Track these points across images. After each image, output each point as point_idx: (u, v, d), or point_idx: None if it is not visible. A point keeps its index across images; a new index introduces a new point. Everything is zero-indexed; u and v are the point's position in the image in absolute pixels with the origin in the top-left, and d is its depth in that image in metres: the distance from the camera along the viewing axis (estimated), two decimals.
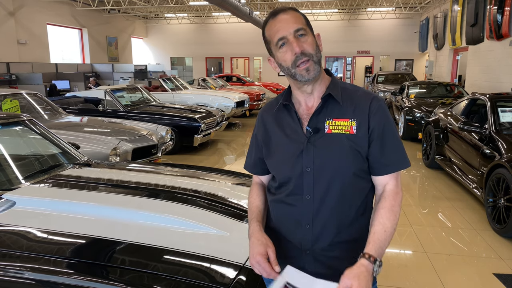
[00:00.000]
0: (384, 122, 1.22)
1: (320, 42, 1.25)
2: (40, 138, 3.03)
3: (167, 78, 10.53)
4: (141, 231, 1.82)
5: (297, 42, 1.18)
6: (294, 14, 1.21)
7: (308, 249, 1.25)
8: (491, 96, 4.86)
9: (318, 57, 1.22)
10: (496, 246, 3.54)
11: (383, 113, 1.23)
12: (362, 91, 1.28)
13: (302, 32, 1.19)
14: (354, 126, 1.20)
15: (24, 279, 1.51)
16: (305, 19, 1.23)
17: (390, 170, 1.23)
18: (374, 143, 1.21)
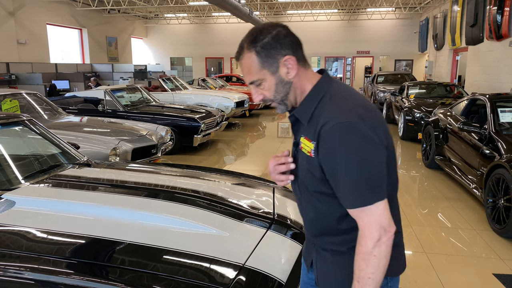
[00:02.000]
0: (332, 154, 1.07)
1: (290, 65, 1.15)
2: (40, 138, 3.03)
3: (167, 78, 10.54)
4: (141, 231, 1.82)
5: (255, 92, 1.20)
6: (246, 61, 1.16)
7: (308, 238, 1.34)
8: (491, 97, 4.86)
9: (281, 95, 1.18)
10: (496, 246, 3.54)
11: (332, 142, 1.06)
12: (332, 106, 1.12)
13: (257, 83, 1.18)
14: (312, 149, 1.12)
15: (23, 279, 1.51)
16: (260, 59, 1.14)
17: (350, 205, 1.09)
18: (326, 170, 1.11)
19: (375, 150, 1.06)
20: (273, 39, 1.13)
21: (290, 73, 1.15)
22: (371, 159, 1.06)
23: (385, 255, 1.07)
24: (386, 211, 1.08)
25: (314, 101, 1.16)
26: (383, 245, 1.07)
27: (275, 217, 2.16)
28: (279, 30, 1.14)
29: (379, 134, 1.09)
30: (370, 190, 1.06)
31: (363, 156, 1.05)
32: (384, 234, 1.07)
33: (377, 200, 1.06)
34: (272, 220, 2.12)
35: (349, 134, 1.04)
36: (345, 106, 1.10)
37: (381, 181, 1.07)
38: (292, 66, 1.15)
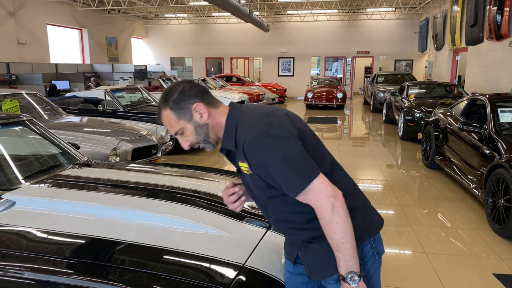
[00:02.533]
0: (259, 162, 1.28)
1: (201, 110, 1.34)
2: (40, 138, 3.03)
3: (167, 78, 10.54)
4: (141, 231, 1.83)
5: (181, 140, 1.40)
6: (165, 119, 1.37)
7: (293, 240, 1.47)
8: (491, 97, 4.86)
9: (203, 136, 1.38)
10: (496, 246, 3.54)
11: (254, 154, 1.27)
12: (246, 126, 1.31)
13: (180, 132, 1.38)
14: (247, 167, 1.33)
15: (24, 279, 1.51)
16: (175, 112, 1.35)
17: (293, 195, 1.28)
18: (265, 178, 1.31)
19: (288, 143, 1.25)
20: (180, 94, 1.35)
21: (203, 116, 1.36)
22: (288, 152, 1.24)
23: (345, 216, 1.25)
24: (324, 183, 1.26)
25: (232, 130, 1.34)
26: (339, 209, 1.25)
27: None
28: (184, 86, 1.36)
29: (288, 129, 1.28)
30: (300, 175, 1.24)
31: (281, 153, 1.24)
32: (335, 200, 1.25)
33: (312, 179, 1.25)
34: None
35: (262, 142, 1.25)
36: (253, 123, 1.30)
37: (306, 164, 1.25)
38: (203, 110, 1.35)
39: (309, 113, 13.45)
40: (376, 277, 1.41)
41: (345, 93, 14.45)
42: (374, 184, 5.43)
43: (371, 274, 1.39)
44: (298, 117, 1.41)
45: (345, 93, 14.52)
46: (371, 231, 1.39)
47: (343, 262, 1.27)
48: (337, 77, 16.67)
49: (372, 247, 1.39)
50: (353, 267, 1.27)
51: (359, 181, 5.60)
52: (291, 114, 1.38)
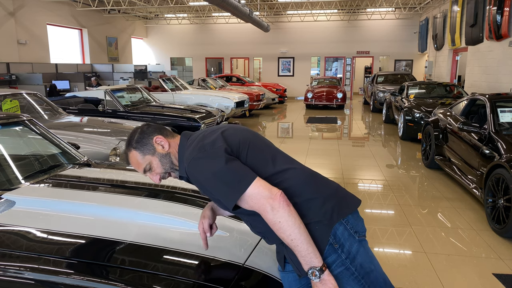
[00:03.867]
0: (199, 184, 1.40)
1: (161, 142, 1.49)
2: (40, 138, 3.03)
3: (167, 78, 10.54)
4: (141, 231, 1.83)
5: (151, 176, 1.52)
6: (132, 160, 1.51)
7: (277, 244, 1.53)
8: (491, 97, 4.86)
9: (168, 164, 1.50)
10: (496, 246, 3.54)
11: (194, 177, 1.39)
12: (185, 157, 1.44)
13: (147, 167, 1.50)
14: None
15: (24, 279, 1.51)
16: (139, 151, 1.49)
17: (231, 206, 1.36)
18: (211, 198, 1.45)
19: (216, 163, 1.33)
20: (140, 134, 1.51)
21: (164, 147, 1.50)
22: (217, 170, 1.32)
23: (287, 214, 1.28)
24: (260, 187, 1.31)
25: (182, 159, 1.47)
26: (279, 208, 1.28)
27: None
28: (142, 127, 1.54)
29: (218, 147, 1.37)
30: (231, 187, 1.32)
31: (210, 172, 1.33)
32: (273, 201, 1.28)
33: (245, 187, 1.30)
34: None
35: (194, 166, 1.37)
36: (189, 151, 1.42)
37: (237, 176, 1.32)
38: (164, 141, 1.49)
39: (309, 113, 13.45)
40: (361, 255, 1.40)
41: (345, 93, 14.45)
42: (374, 184, 5.43)
43: (353, 253, 1.39)
44: (239, 130, 1.49)
45: (345, 93, 14.53)
46: (339, 214, 1.39)
47: (301, 258, 1.30)
48: (337, 77, 16.67)
49: (346, 228, 1.39)
50: (311, 262, 1.29)
51: (359, 181, 5.60)
52: (228, 130, 1.47)
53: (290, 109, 14.94)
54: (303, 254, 1.29)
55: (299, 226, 1.29)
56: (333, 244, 1.37)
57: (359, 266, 1.39)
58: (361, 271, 1.39)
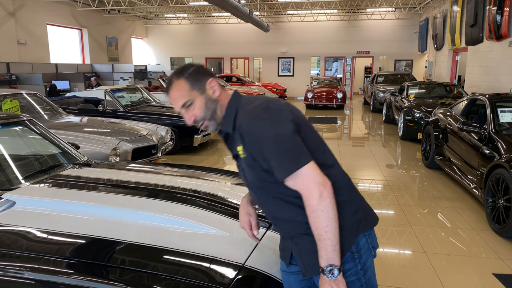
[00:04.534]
0: (254, 143, 1.31)
1: (214, 87, 1.40)
2: (40, 138, 3.03)
3: (167, 79, 10.54)
4: (141, 231, 1.83)
5: (187, 113, 1.40)
6: (177, 86, 1.39)
7: (285, 237, 1.48)
8: (491, 97, 4.86)
9: (211, 112, 1.40)
10: (496, 246, 3.54)
11: (250, 134, 1.31)
12: (244, 111, 1.36)
13: (188, 104, 1.38)
14: (242, 149, 1.36)
15: (24, 279, 1.51)
16: (189, 82, 1.38)
17: (282, 177, 1.30)
18: (259, 160, 1.34)
19: (282, 126, 1.29)
20: (196, 69, 1.40)
21: (215, 92, 1.41)
22: (281, 133, 1.27)
23: (331, 207, 1.26)
24: (315, 170, 1.28)
25: (231, 113, 1.39)
26: (327, 198, 1.25)
27: None
28: (197, 65, 1.44)
29: (284, 114, 1.33)
30: (291, 158, 1.26)
31: (274, 133, 1.27)
32: (324, 189, 1.26)
33: (302, 165, 1.26)
34: None
35: (258, 123, 1.30)
36: (251, 107, 1.36)
37: (298, 148, 1.28)
38: (217, 87, 1.41)
39: (309, 113, 13.45)
40: (371, 269, 1.44)
41: (345, 93, 14.45)
42: (374, 184, 5.43)
43: (367, 266, 1.41)
44: (298, 110, 1.45)
45: (345, 93, 14.53)
46: (365, 226, 1.40)
47: (324, 252, 1.27)
48: (337, 77, 16.67)
49: (367, 241, 1.41)
50: (333, 259, 1.26)
51: (359, 181, 5.60)
52: (291, 105, 1.43)
53: None
54: (329, 250, 1.26)
55: (336, 221, 1.27)
56: (354, 253, 1.37)
57: (368, 279, 1.41)
58: (368, 284, 1.41)
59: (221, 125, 1.42)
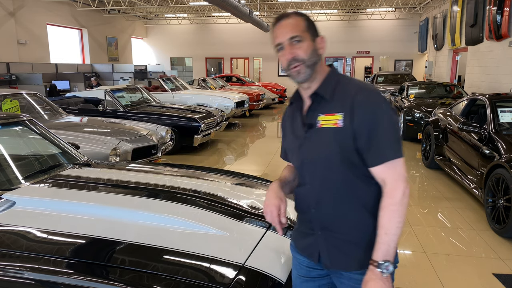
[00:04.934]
0: (369, 116, 1.24)
1: (323, 44, 1.34)
2: (40, 138, 3.03)
3: (167, 79, 10.54)
4: (141, 231, 1.83)
5: (290, 48, 1.30)
6: (294, 21, 1.31)
7: (318, 230, 1.38)
8: (491, 97, 4.86)
9: (312, 61, 1.31)
10: (496, 246, 3.54)
11: (367, 105, 1.25)
12: (353, 84, 1.32)
13: (297, 39, 1.30)
14: (340, 119, 1.27)
15: (24, 279, 1.51)
16: (306, 24, 1.32)
17: (376, 161, 1.26)
18: (360, 136, 1.25)
19: (395, 116, 1.30)
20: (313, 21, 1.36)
21: (322, 49, 1.35)
22: (396, 121, 1.28)
23: (406, 205, 1.26)
24: (404, 166, 1.28)
25: (331, 82, 1.34)
26: (407, 196, 1.25)
27: None
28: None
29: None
30: (399, 146, 1.27)
31: (394, 118, 1.28)
32: (407, 186, 1.26)
33: (401, 156, 1.26)
34: None
35: (382, 100, 1.26)
36: (364, 84, 1.32)
37: (400, 140, 1.29)
38: (324, 45, 1.35)
39: None
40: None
41: None
42: None
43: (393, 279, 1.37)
44: None
45: None
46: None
47: (386, 247, 1.23)
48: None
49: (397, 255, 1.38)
50: (392, 255, 1.24)
51: None
52: None
53: None
54: (392, 245, 1.24)
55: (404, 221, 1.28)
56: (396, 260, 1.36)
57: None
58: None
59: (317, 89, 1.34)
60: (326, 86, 1.33)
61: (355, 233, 1.33)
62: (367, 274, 1.25)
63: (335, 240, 1.35)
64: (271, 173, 5.95)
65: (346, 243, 1.34)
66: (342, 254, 1.34)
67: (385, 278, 1.22)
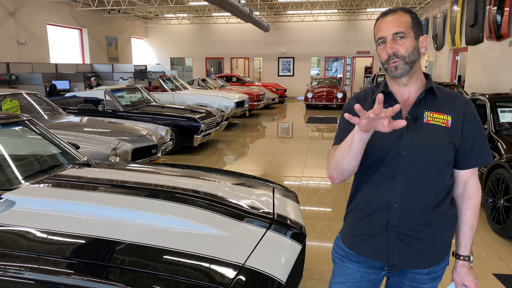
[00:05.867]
0: (476, 125, 1.36)
1: (425, 43, 1.35)
2: (40, 138, 3.03)
3: (167, 78, 10.54)
4: (141, 231, 1.83)
5: (392, 44, 1.31)
6: (400, 17, 1.32)
7: (393, 227, 1.35)
8: (491, 97, 4.86)
9: (412, 59, 1.32)
10: (496, 246, 3.54)
11: (476, 116, 1.37)
12: (455, 92, 1.41)
13: (401, 35, 1.31)
14: (449, 120, 1.33)
15: (24, 279, 1.51)
16: (412, 22, 1.32)
17: (475, 164, 1.37)
18: (466, 140, 1.34)
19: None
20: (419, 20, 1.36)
21: (423, 49, 1.35)
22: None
23: None
24: None
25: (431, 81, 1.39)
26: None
27: (275, 217, 2.16)
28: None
29: None
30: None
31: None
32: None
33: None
34: (272, 220, 2.12)
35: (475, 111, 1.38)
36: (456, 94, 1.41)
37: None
38: (426, 45, 1.35)
39: (309, 113, 13.44)
40: None
41: (345, 93, 14.45)
42: None
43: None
44: None
45: (345, 93, 14.53)
46: None
47: (471, 241, 1.43)
48: (337, 77, 16.66)
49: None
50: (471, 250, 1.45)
51: None
52: None
53: (290, 109, 14.94)
54: (472, 240, 1.43)
55: None
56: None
57: None
58: None
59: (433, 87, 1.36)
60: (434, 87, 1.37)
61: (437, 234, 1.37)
62: (461, 269, 1.44)
63: (410, 238, 1.34)
64: (271, 173, 5.95)
65: (422, 241, 1.35)
66: (415, 252, 1.35)
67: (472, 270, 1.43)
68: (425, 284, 1.42)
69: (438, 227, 1.36)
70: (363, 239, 1.40)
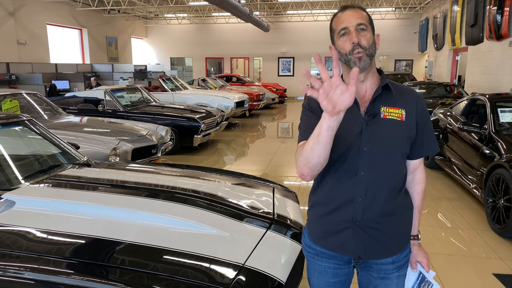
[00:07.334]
0: (427, 118, 1.45)
1: (378, 42, 1.41)
2: (40, 138, 3.03)
3: (167, 78, 10.54)
4: (141, 231, 1.82)
5: (356, 34, 1.34)
6: (360, 12, 1.38)
7: (358, 221, 1.38)
8: (491, 97, 4.86)
9: (371, 52, 1.36)
10: (496, 246, 3.54)
11: (426, 110, 1.45)
12: (406, 87, 1.48)
13: (363, 27, 1.35)
14: (404, 114, 1.39)
15: (23, 279, 1.51)
16: (369, 18, 1.39)
17: (425, 154, 1.48)
18: (418, 133, 1.42)
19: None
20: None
21: (378, 45, 1.40)
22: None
23: None
24: None
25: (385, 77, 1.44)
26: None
27: (275, 217, 2.16)
28: None
29: None
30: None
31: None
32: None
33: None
34: (272, 220, 2.12)
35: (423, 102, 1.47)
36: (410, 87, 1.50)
37: None
38: (379, 43, 1.41)
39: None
40: None
41: None
42: None
43: None
44: None
45: None
46: None
47: (418, 222, 1.55)
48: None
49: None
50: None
51: None
52: None
53: (290, 109, 14.93)
54: (419, 222, 1.56)
55: None
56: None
57: None
58: None
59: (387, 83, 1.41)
60: (387, 81, 1.42)
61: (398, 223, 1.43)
62: (412, 248, 1.52)
63: (373, 230, 1.39)
64: (271, 173, 5.95)
65: (383, 232, 1.40)
66: (378, 243, 1.40)
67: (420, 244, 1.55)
68: (391, 273, 1.45)
69: (397, 216, 1.43)
70: (329, 234, 1.43)
